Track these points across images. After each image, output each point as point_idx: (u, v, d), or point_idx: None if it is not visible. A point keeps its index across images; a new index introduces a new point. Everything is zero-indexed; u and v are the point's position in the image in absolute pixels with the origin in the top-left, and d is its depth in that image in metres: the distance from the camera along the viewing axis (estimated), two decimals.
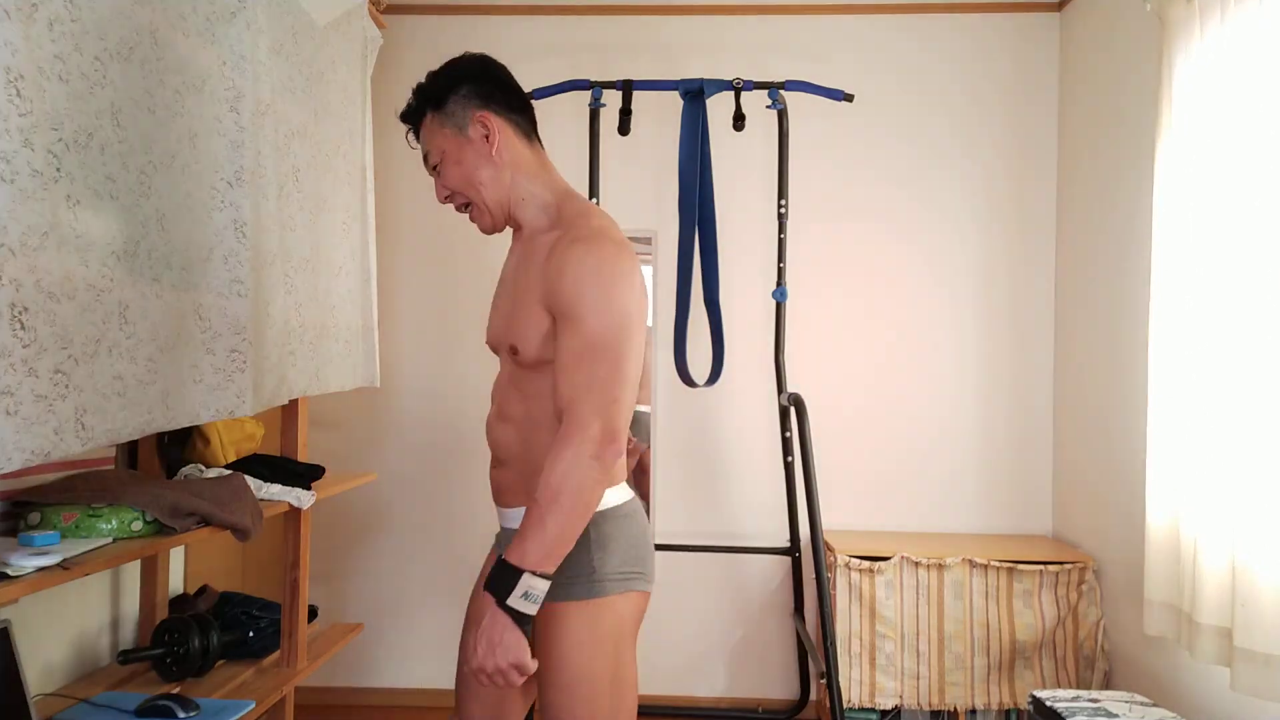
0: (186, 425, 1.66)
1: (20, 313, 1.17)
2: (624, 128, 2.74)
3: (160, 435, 2.24)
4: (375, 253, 2.79)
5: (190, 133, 1.67)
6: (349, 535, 3.30)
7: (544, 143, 1.49)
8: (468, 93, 1.56)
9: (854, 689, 2.80)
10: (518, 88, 1.63)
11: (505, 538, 1.62)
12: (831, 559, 2.86)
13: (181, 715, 1.83)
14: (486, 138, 1.55)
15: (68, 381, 1.27)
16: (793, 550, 3.01)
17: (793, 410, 2.66)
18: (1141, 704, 2.18)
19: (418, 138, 1.63)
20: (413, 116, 1.61)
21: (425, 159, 1.60)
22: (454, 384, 3.28)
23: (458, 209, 1.62)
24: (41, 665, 2.00)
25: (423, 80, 1.60)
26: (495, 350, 1.64)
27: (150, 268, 1.55)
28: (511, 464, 1.57)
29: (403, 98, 1.65)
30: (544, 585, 1.36)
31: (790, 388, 3.12)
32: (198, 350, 1.73)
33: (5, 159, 1.15)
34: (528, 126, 1.62)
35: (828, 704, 2.62)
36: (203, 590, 2.48)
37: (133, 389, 1.49)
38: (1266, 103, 1.90)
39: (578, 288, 1.42)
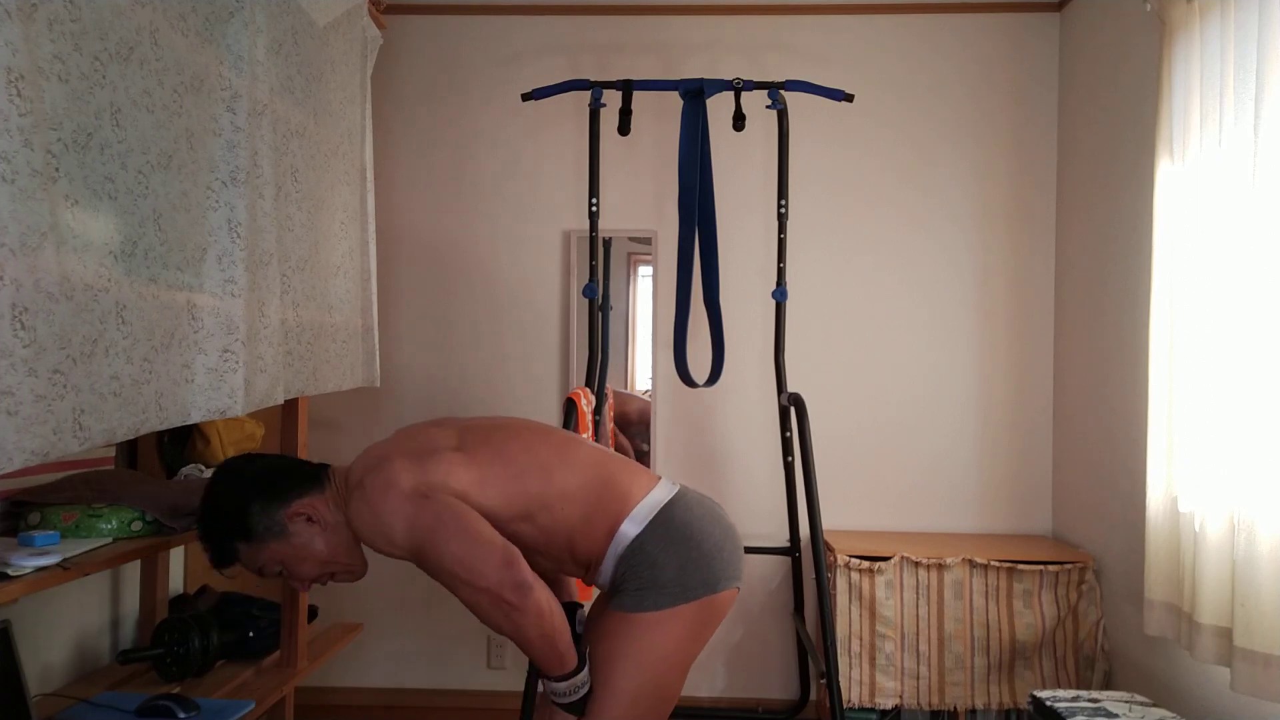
0: (177, 425, 1.66)
1: (21, 313, 1.17)
2: (624, 128, 2.74)
3: (160, 435, 2.24)
4: (375, 252, 2.79)
5: (188, 132, 1.67)
6: None
7: (544, 143, 1.48)
8: (263, 504, 1.60)
9: (854, 689, 2.80)
10: (284, 463, 1.69)
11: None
12: (831, 559, 2.86)
13: (181, 715, 1.82)
14: (310, 519, 1.61)
15: (65, 381, 1.27)
16: (793, 550, 3.01)
17: (793, 410, 2.66)
18: (1141, 704, 2.18)
19: (222, 566, 1.65)
20: (225, 559, 1.63)
21: (261, 575, 1.64)
22: (454, 384, 3.28)
23: (321, 583, 1.69)
24: (41, 665, 2.00)
25: (203, 527, 1.63)
26: None
27: (147, 267, 1.54)
28: (577, 568, 1.73)
29: (403, 97, 1.66)
30: (566, 683, 1.57)
31: (790, 388, 3.12)
32: (190, 350, 1.73)
33: (6, 159, 1.15)
34: (318, 475, 1.67)
35: (828, 704, 2.62)
36: (203, 590, 2.48)
37: (128, 389, 1.49)
38: (1266, 102, 1.90)
39: (381, 550, 1.55)
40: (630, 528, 1.62)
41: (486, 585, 1.48)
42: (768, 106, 2.80)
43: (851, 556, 2.83)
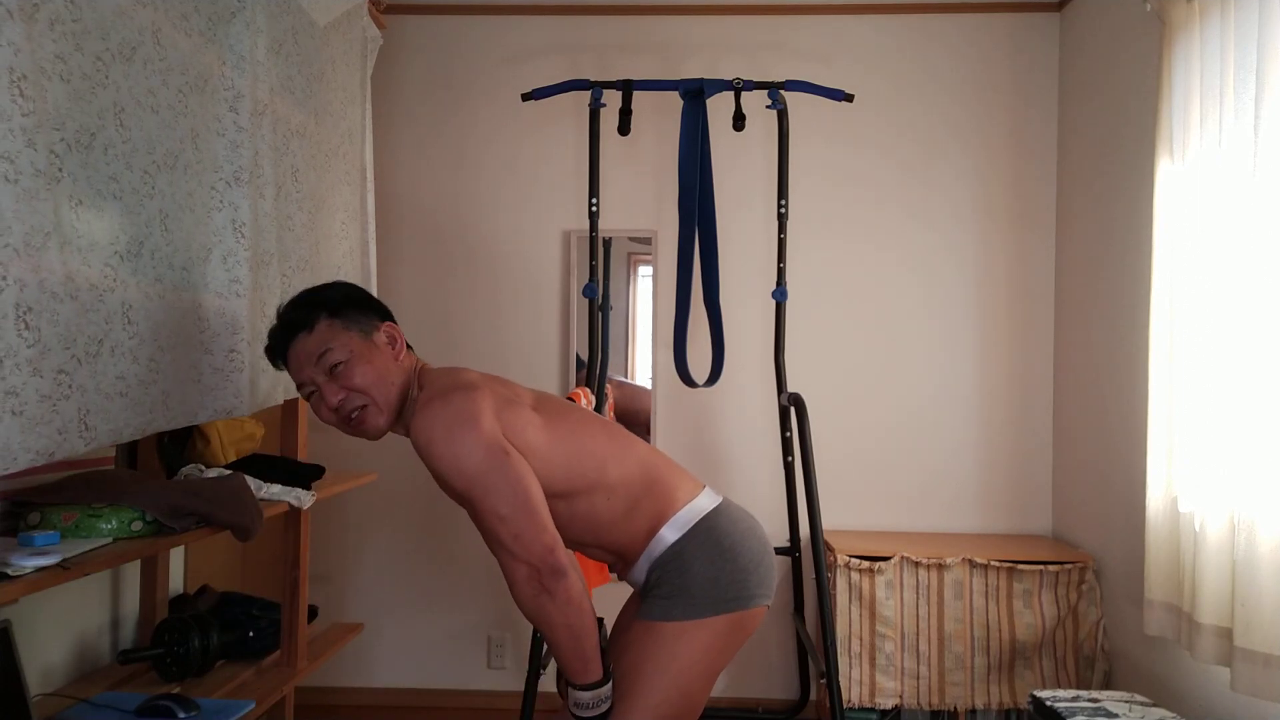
0: (184, 425, 1.65)
1: (25, 313, 1.17)
2: (624, 128, 2.74)
3: (160, 435, 2.24)
4: (375, 252, 2.79)
5: (192, 132, 1.67)
6: (349, 535, 3.29)
7: (544, 143, 1.49)
8: (364, 308, 1.62)
9: (854, 689, 2.80)
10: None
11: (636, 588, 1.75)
12: (831, 559, 2.86)
13: (181, 715, 1.82)
14: (391, 343, 1.62)
15: (70, 381, 1.27)
16: (793, 550, 3.01)
17: (793, 410, 2.66)
18: (1141, 704, 2.18)
19: (282, 357, 1.60)
20: (298, 327, 1.57)
21: (317, 361, 1.56)
22: None
23: (347, 415, 1.59)
24: (41, 665, 2.00)
25: (300, 298, 1.61)
26: None
27: (153, 268, 1.54)
28: (606, 555, 1.71)
29: (403, 97, 1.66)
30: (589, 694, 1.52)
31: (790, 388, 3.12)
32: (196, 350, 1.73)
33: (9, 159, 1.15)
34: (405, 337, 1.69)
35: (828, 704, 2.62)
36: (203, 590, 2.48)
37: (135, 389, 1.49)
38: (1266, 101, 1.90)
39: (431, 463, 1.49)
40: (670, 533, 1.62)
41: (527, 559, 1.47)
42: (768, 106, 2.80)
43: (851, 556, 2.83)
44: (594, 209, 2.78)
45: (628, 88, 2.75)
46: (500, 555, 1.49)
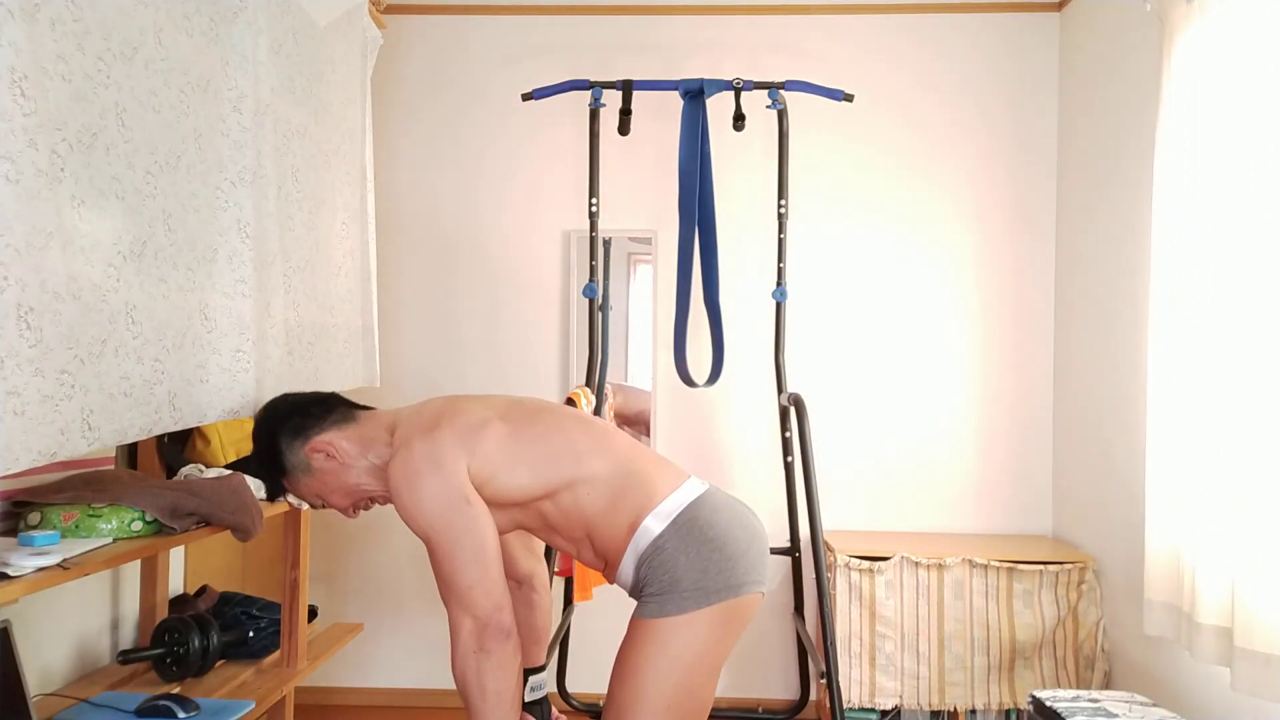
0: (193, 426, 1.65)
1: (26, 313, 1.17)
2: (624, 128, 2.74)
3: (160, 435, 2.24)
4: (375, 252, 2.79)
5: (195, 132, 1.67)
6: (349, 535, 3.29)
7: (544, 143, 1.50)
8: (288, 440, 1.68)
9: (854, 689, 2.80)
10: (316, 397, 1.75)
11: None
12: (831, 559, 2.86)
13: (181, 715, 1.82)
14: (329, 456, 1.67)
15: (73, 382, 1.27)
16: (793, 550, 3.01)
17: (793, 410, 2.67)
18: (1141, 704, 2.18)
19: (273, 498, 1.83)
20: (275, 491, 1.77)
21: (309, 503, 1.76)
22: (454, 384, 3.27)
23: (362, 509, 1.74)
24: (41, 665, 2.00)
25: (254, 464, 1.76)
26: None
27: (157, 268, 1.54)
28: (597, 559, 1.70)
29: (403, 97, 1.67)
30: None
31: (790, 388, 3.12)
32: (203, 350, 1.73)
33: (10, 159, 1.15)
34: (346, 412, 1.73)
35: (828, 704, 2.62)
36: (203, 590, 2.48)
37: (139, 389, 1.49)
38: (1265, 102, 1.90)
39: (399, 511, 1.56)
40: (654, 524, 1.59)
41: (474, 613, 1.51)
42: (767, 106, 2.80)
43: (851, 556, 2.83)
44: (594, 209, 2.78)
45: (628, 88, 2.76)
46: (450, 606, 1.53)
